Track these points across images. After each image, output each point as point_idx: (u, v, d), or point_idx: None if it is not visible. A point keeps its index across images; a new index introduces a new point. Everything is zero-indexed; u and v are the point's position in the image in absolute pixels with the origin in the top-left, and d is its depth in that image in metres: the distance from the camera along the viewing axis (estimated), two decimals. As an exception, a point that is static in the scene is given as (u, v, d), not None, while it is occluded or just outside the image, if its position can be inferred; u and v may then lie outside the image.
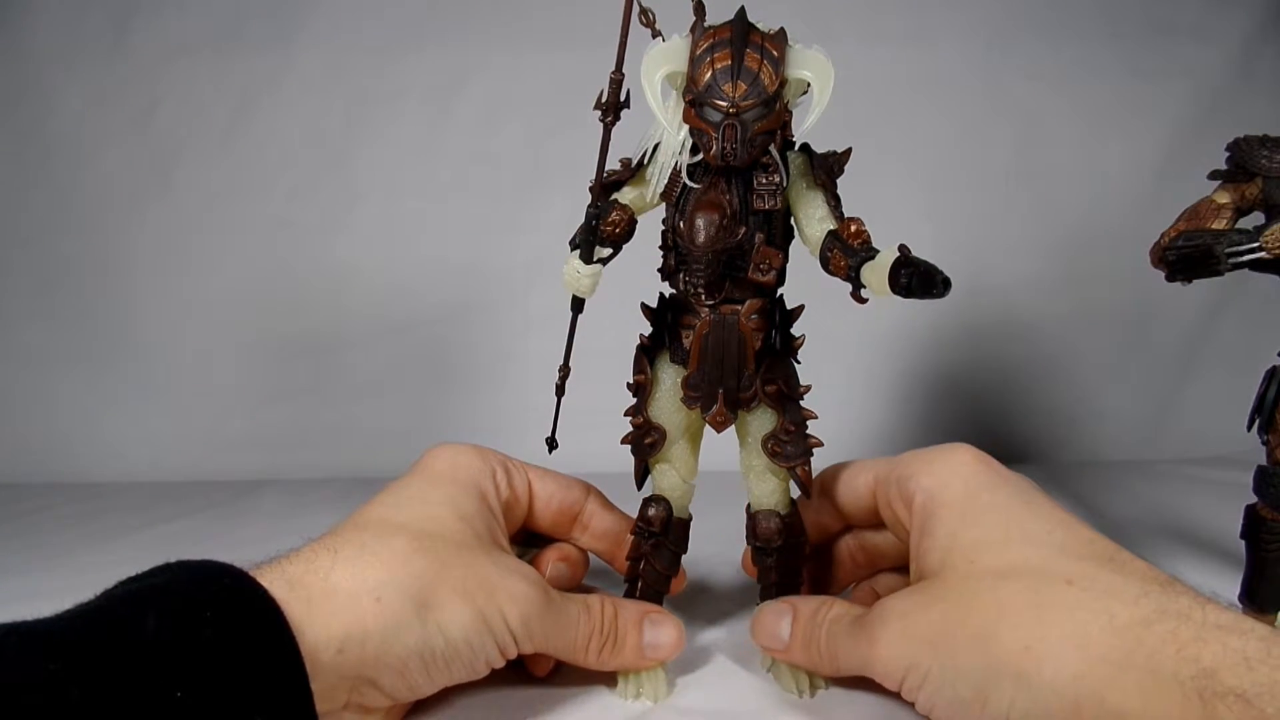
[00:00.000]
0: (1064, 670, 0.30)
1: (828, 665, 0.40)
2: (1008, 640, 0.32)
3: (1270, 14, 0.98)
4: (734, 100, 0.37)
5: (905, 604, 0.37)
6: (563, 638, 0.41)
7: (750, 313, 0.41)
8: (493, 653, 0.38)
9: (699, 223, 0.37)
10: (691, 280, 0.40)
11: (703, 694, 0.44)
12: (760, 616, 0.43)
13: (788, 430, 0.42)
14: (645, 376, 0.44)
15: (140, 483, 0.95)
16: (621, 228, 0.42)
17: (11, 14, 0.99)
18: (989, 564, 0.35)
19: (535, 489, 0.47)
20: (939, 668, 0.34)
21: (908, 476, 0.41)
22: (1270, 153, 0.50)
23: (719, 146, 0.37)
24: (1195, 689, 0.28)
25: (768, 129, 0.37)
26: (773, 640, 0.42)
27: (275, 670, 0.31)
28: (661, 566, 0.46)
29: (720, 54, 0.37)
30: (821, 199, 0.40)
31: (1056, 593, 0.33)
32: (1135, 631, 0.30)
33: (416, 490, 0.42)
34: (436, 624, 0.35)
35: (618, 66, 0.39)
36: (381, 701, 0.36)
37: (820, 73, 0.38)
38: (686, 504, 0.46)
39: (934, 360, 1.00)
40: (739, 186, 0.39)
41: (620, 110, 0.40)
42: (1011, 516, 0.37)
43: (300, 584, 0.34)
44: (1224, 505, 0.60)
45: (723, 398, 0.41)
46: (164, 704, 0.28)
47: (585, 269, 0.42)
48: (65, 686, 0.27)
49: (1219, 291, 0.91)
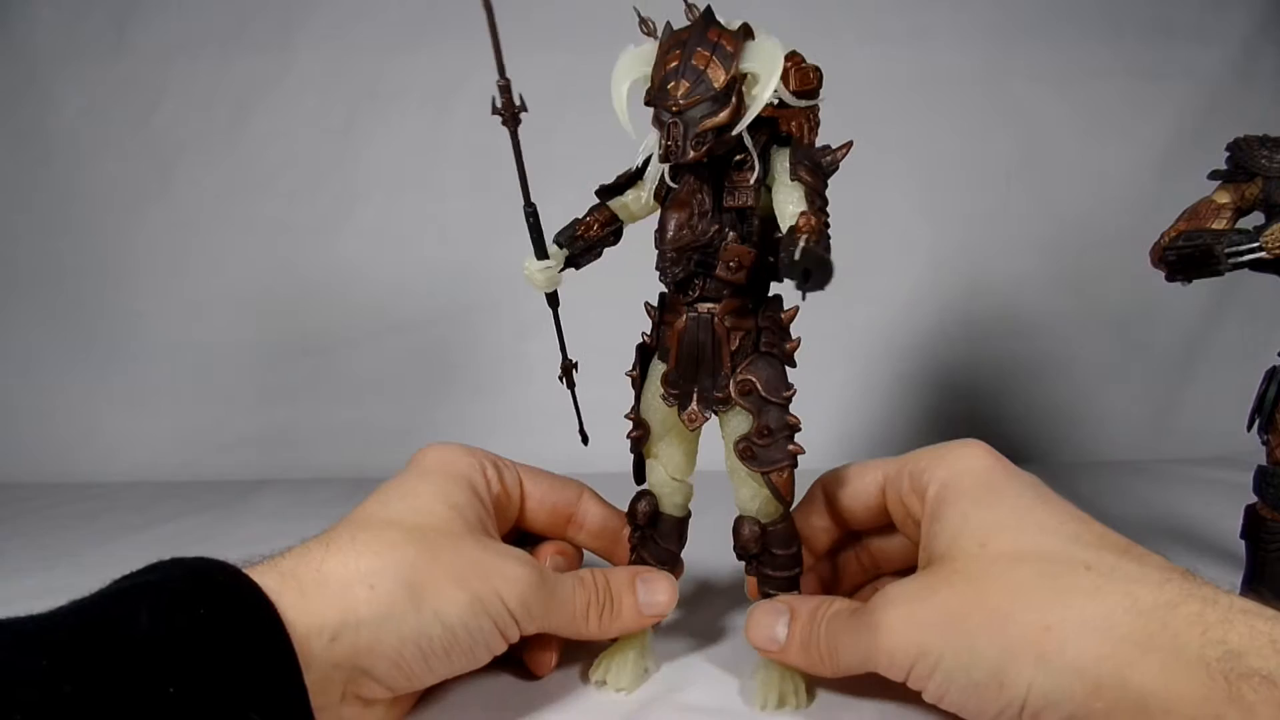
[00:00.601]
0: (1086, 651, 0.30)
1: (828, 665, 0.39)
2: (1026, 620, 0.32)
3: (1270, 14, 0.98)
4: (676, 99, 0.36)
5: (910, 588, 0.36)
6: (561, 612, 0.41)
7: (726, 312, 0.40)
8: (493, 637, 0.38)
9: (668, 220, 0.38)
10: (665, 277, 0.40)
11: (703, 691, 0.43)
12: (755, 616, 0.42)
13: (763, 434, 0.41)
14: (637, 372, 0.44)
15: (140, 483, 0.95)
16: (594, 229, 0.43)
17: (11, 14, 0.99)
18: (1002, 547, 0.35)
19: (528, 488, 0.48)
20: (951, 651, 0.33)
21: (921, 470, 0.41)
22: (1270, 153, 0.50)
23: (663, 145, 0.37)
24: (1221, 670, 0.28)
25: (718, 125, 0.36)
26: (768, 642, 0.41)
27: (268, 664, 0.31)
28: (653, 561, 0.46)
29: (672, 54, 0.37)
30: (799, 195, 0.39)
31: (1076, 576, 0.32)
32: (1160, 614, 0.30)
33: (408, 486, 0.42)
34: (433, 610, 0.35)
35: (500, 73, 0.40)
36: (379, 693, 0.36)
37: (765, 64, 0.36)
38: (679, 501, 0.45)
39: (934, 360, 1.00)
40: (712, 184, 0.39)
41: (518, 114, 0.41)
42: (1024, 506, 0.37)
43: (292, 576, 0.34)
44: (1224, 505, 0.60)
45: (697, 396, 0.41)
46: (157, 699, 0.28)
47: (535, 265, 0.43)
48: (58, 683, 0.27)
49: (1219, 291, 0.91)
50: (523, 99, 0.41)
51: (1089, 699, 0.30)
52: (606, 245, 0.45)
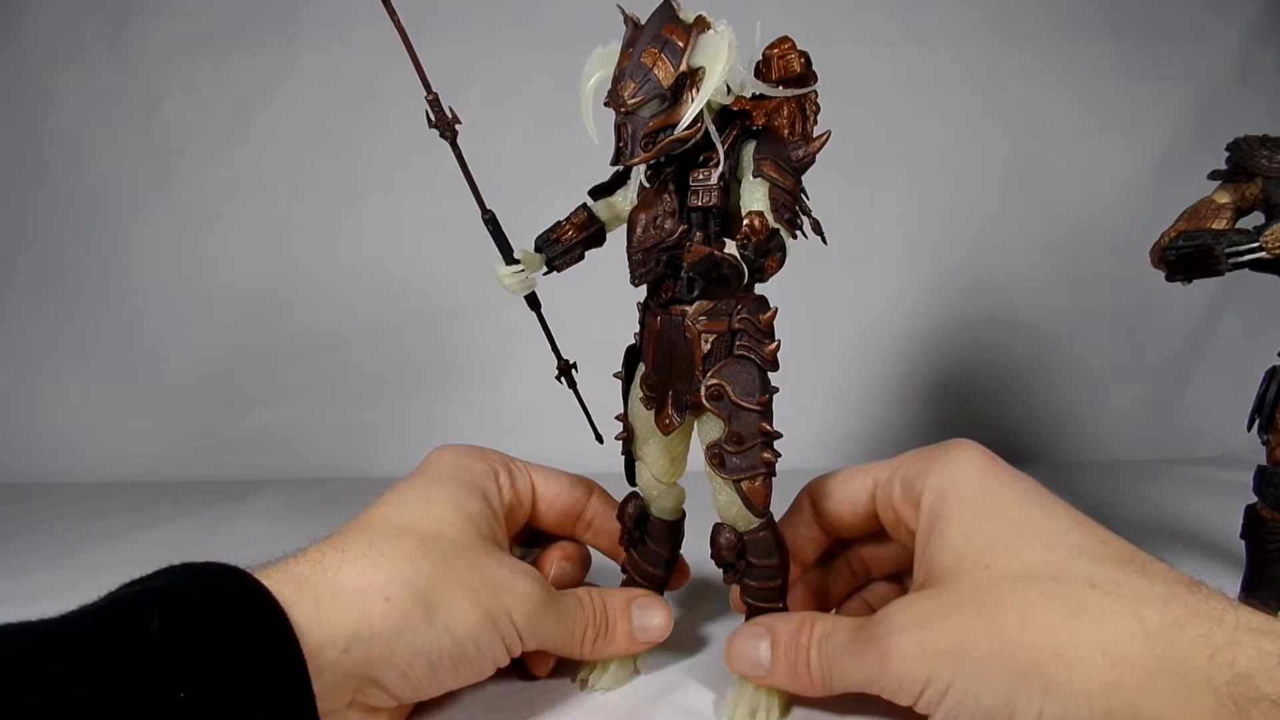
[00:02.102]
0: (1095, 677, 0.30)
1: (818, 686, 0.38)
2: (1035, 647, 0.32)
3: (1270, 14, 0.99)
4: (624, 100, 0.36)
5: (917, 613, 0.36)
6: (561, 633, 0.41)
7: (699, 314, 0.39)
8: (499, 652, 0.38)
9: (634, 221, 0.38)
10: (633, 278, 0.39)
11: (703, 693, 0.44)
12: (735, 644, 0.40)
13: (733, 440, 0.39)
14: (623, 375, 0.44)
15: (140, 483, 0.95)
16: (570, 232, 0.43)
17: (11, 14, 0.99)
18: (1006, 567, 0.35)
19: (539, 489, 0.47)
20: (961, 679, 0.33)
21: (914, 476, 0.40)
22: (1270, 153, 0.50)
23: (615, 146, 0.36)
24: (1230, 695, 0.28)
25: (666, 124, 0.36)
26: (753, 667, 0.40)
27: (278, 672, 0.31)
28: (646, 564, 0.45)
29: (624, 54, 0.36)
30: (761, 193, 0.37)
31: (1082, 598, 0.32)
32: (1167, 636, 0.30)
33: (421, 490, 0.42)
34: (444, 624, 0.36)
35: (427, 89, 0.40)
36: (385, 702, 0.36)
37: (709, 58, 0.35)
38: (669, 505, 0.45)
39: (934, 361, 1.00)
40: (678, 184, 0.38)
41: (453, 125, 0.41)
42: (1025, 516, 0.36)
43: (308, 583, 0.34)
44: (1224, 505, 0.60)
45: (671, 400, 0.40)
46: (167, 705, 0.28)
47: (504, 270, 0.43)
48: (69, 687, 0.27)
49: (1219, 291, 0.91)
50: (453, 111, 0.41)
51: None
52: (586, 248, 0.44)
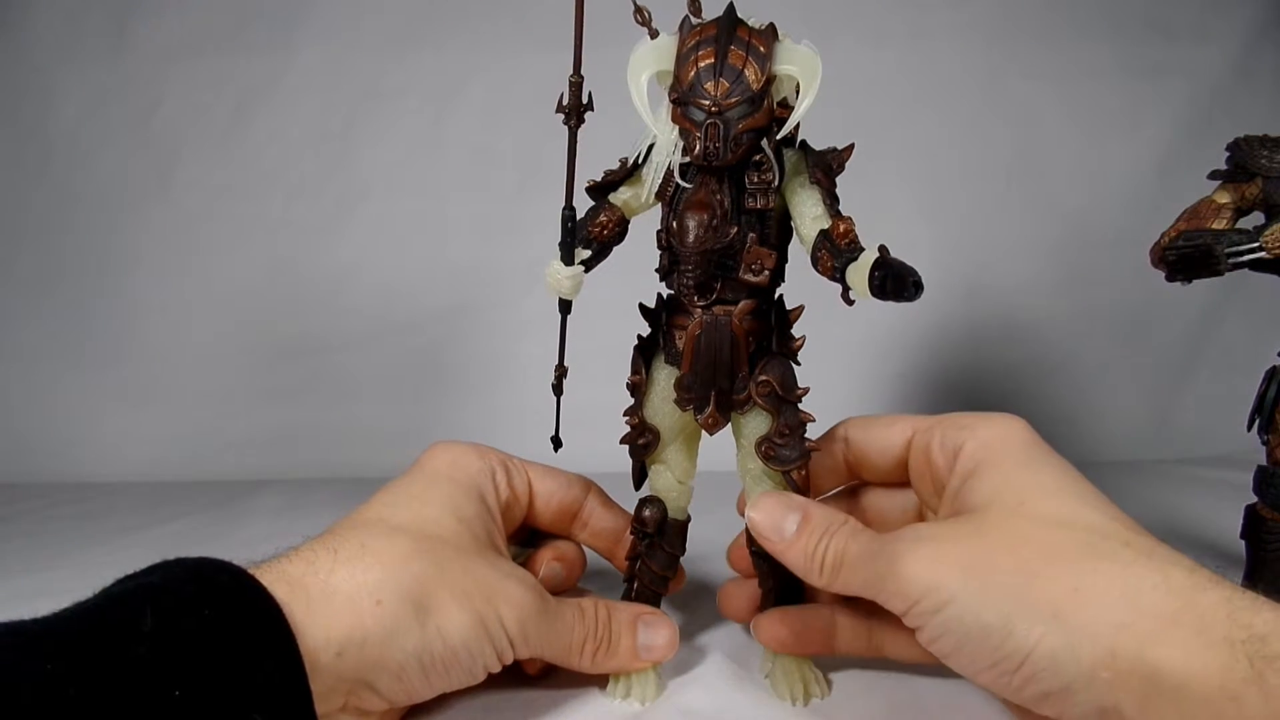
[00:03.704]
0: (1107, 617, 0.30)
1: (825, 577, 0.38)
2: (1055, 579, 0.31)
3: (1270, 14, 0.98)
4: (716, 99, 0.36)
5: (941, 530, 0.36)
6: (558, 642, 0.41)
7: (744, 314, 0.40)
8: (490, 658, 0.38)
9: (688, 223, 0.37)
10: (683, 280, 0.40)
11: (702, 694, 0.43)
12: (765, 503, 0.40)
13: (782, 433, 0.41)
14: (640, 377, 0.43)
15: (140, 483, 0.95)
16: (609, 229, 0.42)
17: (11, 14, 0.99)
18: (1042, 510, 0.35)
19: (535, 487, 0.47)
20: (966, 593, 0.32)
21: (960, 426, 0.40)
22: (1270, 153, 0.50)
23: (702, 146, 0.36)
24: (1245, 652, 0.28)
25: (753, 127, 0.37)
26: (774, 532, 0.39)
27: (275, 670, 0.31)
28: (657, 567, 0.45)
29: (704, 51, 0.37)
30: (817, 197, 0.39)
31: (1113, 548, 0.32)
32: (1189, 594, 0.30)
33: (416, 490, 0.41)
34: (436, 628, 0.35)
35: (575, 69, 0.39)
36: (378, 705, 0.36)
37: (806, 68, 0.36)
38: (683, 505, 0.45)
39: (934, 361, 1.00)
40: (731, 186, 0.39)
41: (584, 113, 0.40)
42: (1069, 478, 0.37)
43: (300, 585, 0.34)
44: (1224, 505, 0.60)
45: (715, 399, 0.41)
46: (162, 703, 0.28)
47: (565, 271, 0.42)
48: (62, 685, 0.26)
49: (1219, 291, 0.91)
50: (591, 96, 0.40)
51: (1096, 667, 0.30)
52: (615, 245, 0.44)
